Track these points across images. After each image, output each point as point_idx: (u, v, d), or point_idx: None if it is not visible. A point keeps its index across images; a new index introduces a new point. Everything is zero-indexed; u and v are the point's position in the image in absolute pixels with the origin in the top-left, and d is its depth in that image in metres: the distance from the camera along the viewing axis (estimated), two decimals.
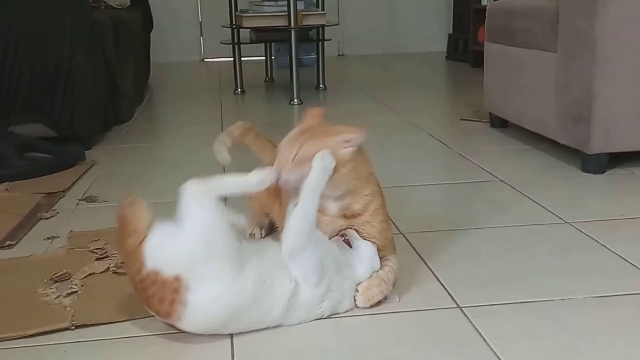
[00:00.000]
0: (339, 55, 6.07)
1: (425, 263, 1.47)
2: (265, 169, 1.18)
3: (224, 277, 1.10)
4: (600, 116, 2.04)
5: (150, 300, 1.11)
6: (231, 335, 1.16)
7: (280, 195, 1.51)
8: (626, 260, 1.45)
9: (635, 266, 1.42)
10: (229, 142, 1.51)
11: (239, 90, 4.01)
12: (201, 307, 1.10)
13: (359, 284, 1.24)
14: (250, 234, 1.59)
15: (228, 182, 1.17)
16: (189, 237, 1.10)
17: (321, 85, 4.06)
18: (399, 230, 1.66)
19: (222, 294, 1.10)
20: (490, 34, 2.74)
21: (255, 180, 1.17)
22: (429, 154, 2.48)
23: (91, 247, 1.54)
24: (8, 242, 1.63)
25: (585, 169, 2.11)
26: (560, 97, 2.18)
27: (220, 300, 1.10)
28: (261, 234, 1.62)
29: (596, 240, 1.56)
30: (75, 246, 1.57)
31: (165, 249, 1.11)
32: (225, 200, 1.17)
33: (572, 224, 1.67)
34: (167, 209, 1.12)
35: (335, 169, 1.18)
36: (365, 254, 1.25)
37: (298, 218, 1.16)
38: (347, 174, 1.21)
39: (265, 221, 1.62)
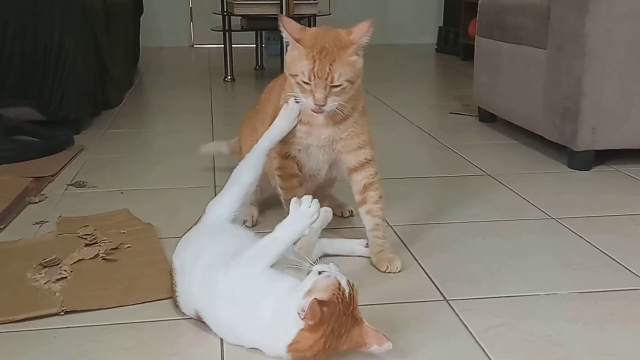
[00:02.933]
0: None
1: (413, 255, 1.48)
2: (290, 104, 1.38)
3: None
4: (587, 113, 2.06)
5: None
6: None
7: None
8: (610, 257, 1.47)
9: (619, 262, 1.45)
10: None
11: (229, 77, 4.00)
12: None
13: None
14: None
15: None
16: None
17: None
18: (387, 223, 1.67)
19: None
20: (481, 29, 2.75)
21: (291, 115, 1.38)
22: (417, 147, 2.49)
23: (80, 233, 1.53)
24: None
25: (572, 165, 2.14)
26: (548, 93, 2.20)
27: None
28: (253, 222, 1.63)
29: (580, 236, 1.59)
30: (64, 231, 1.57)
31: None
32: None
33: (557, 219, 1.70)
34: (156, 196, 1.13)
35: (353, 61, 1.32)
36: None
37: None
38: (357, 64, 1.33)
39: (255, 211, 1.64)
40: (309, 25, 4.02)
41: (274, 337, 1.03)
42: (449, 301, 1.27)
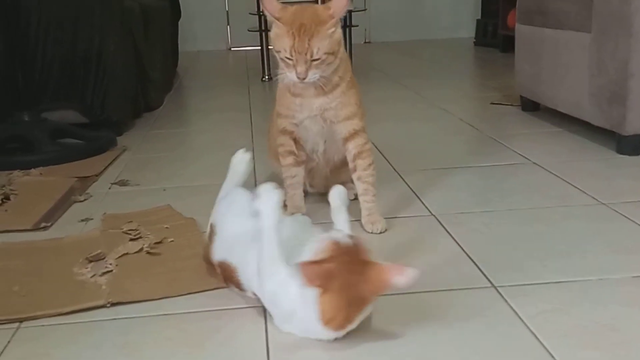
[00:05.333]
0: (365, 42, 6.03)
1: (458, 244, 1.45)
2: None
3: None
4: (636, 96, 1.99)
5: None
6: (264, 310, 1.16)
7: None
8: None
9: None
10: None
11: (267, 77, 4.01)
12: None
13: None
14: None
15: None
16: None
17: None
18: (430, 212, 1.64)
19: None
20: (521, 16, 2.69)
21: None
22: (459, 138, 2.45)
23: (125, 229, 1.55)
24: (43, 224, 1.65)
25: (621, 150, 2.07)
26: (594, 77, 2.14)
27: None
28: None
29: (633, 221, 1.53)
30: (109, 227, 1.59)
31: None
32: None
33: (608, 204, 1.64)
34: (196, 193, 1.13)
35: (331, 33, 1.39)
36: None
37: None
38: (335, 35, 1.40)
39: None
40: (344, 22, 4.01)
41: (311, 322, 1.04)
42: (497, 288, 1.24)
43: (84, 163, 2.22)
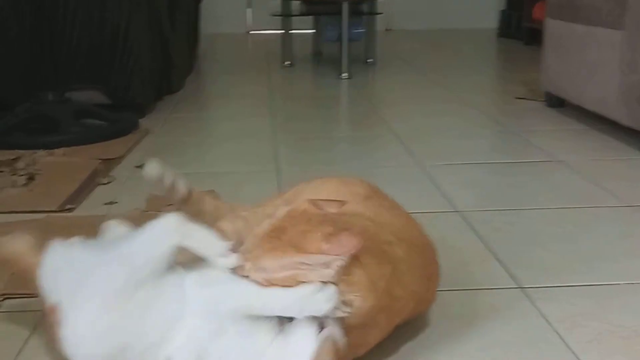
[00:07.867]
0: (386, 30, 5.97)
1: (484, 242, 1.44)
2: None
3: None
4: None
5: None
6: None
7: None
8: None
9: None
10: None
11: (288, 62, 3.99)
12: None
13: None
14: None
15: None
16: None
17: (370, 60, 4.02)
18: (455, 209, 1.63)
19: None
20: (551, 10, 2.65)
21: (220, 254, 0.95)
22: (483, 133, 2.43)
23: (163, 211, 1.54)
24: (68, 206, 1.66)
25: None
26: (625, 76, 2.11)
27: None
28: None
29: None
30: (151, 208, 1.59)
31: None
32: None
33: (635, 207, 1.62)
34: (218, 179, 1.12)
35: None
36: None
37: None
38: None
39: None
40: (371, 9, 3.97)
41: None
42: (524, 289, 1.23)
43: (107, 145, 2.22)
